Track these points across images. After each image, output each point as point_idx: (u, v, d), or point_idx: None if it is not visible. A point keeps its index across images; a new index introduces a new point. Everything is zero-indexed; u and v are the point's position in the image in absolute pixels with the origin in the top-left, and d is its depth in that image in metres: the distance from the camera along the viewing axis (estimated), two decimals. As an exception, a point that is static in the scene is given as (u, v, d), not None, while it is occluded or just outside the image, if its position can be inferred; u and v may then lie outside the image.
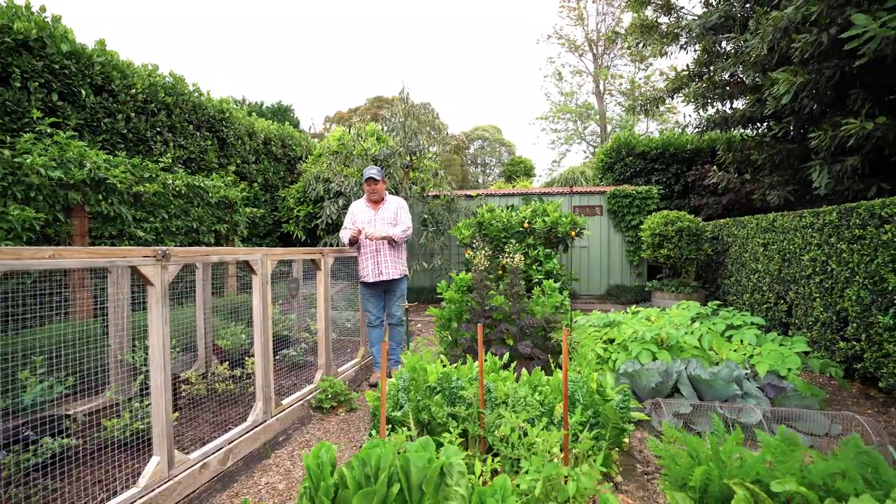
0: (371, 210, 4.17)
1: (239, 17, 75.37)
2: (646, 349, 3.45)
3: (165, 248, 2.26)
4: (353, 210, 4.23)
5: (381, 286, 4.14)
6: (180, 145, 6.05)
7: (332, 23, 75.33)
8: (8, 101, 4.07)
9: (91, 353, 2.86)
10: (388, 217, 4.13)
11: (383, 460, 1.26)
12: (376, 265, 4.05)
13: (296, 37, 74.86)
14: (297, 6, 75.45)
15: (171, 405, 2.31)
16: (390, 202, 4.22)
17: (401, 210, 4.20)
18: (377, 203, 4.18)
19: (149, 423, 2.76)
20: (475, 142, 41.08)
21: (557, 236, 6.26)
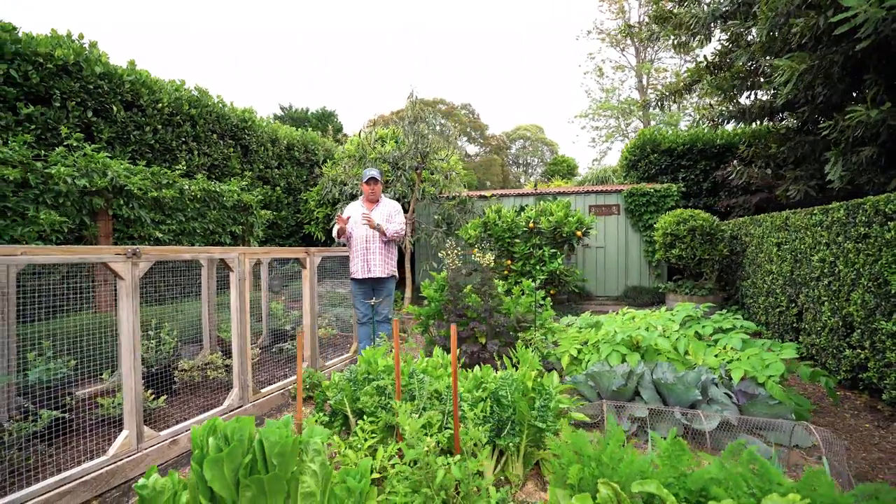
0: (365, 209, 4.24)
1: (286, 28, 79.21)
2: (615, 351, 3.39)
3: (136, 247, 2.56)
4: (349, 209, 4.33)
5: (370, 283, 4.22)
6: (204, 153, 6.58)
7: (378, 32, 77.35)
8: (49, 119, 4.66)
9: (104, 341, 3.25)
10: (381, 218, 4.17)
11: (240, 433, 1.42)
12: (366, 262, 4.13)
13: (342, 46, 77.56)
14: (343, 17, 78.14)
15: (141, 386, 2.59)
16: (386, 204, 4.29)
17: (395, 212, 4.26)
18: (373, 203, 4.26)
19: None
20: (517, 142, 40.72)
21: (563, 236, 6.18)
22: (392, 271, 4.27)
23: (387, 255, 4.24)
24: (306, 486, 1.42)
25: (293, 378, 3.87)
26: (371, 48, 77.80)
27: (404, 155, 7.27)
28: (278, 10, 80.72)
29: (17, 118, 4.43)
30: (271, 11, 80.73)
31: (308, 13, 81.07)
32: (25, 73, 4.50)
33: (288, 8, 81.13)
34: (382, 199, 4.34)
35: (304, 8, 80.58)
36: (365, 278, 4.17)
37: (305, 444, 1.48)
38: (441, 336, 3.98)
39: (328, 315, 5.89)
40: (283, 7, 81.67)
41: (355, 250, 4.19)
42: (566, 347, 3.69)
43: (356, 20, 79.71)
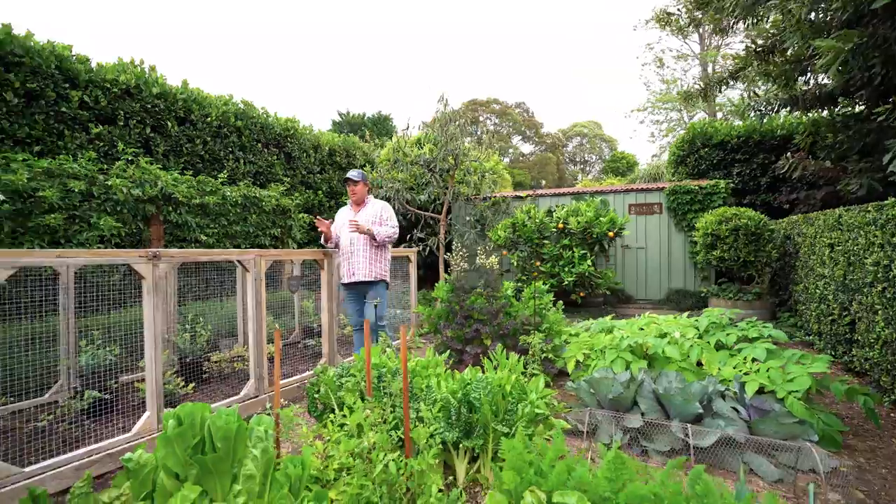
0: (351, 213, 4.10)
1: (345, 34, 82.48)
2: (620, 357, 3.27)
3: (156, 250, 2.87)
4: (337, 214, 4.26)
5: (357, 288, 4.05)
6: (250, 161, 7.12)
7: (434, 34, 78.41)
8: (115, 137, 5.30)
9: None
10: (368, 220, 4.00)
11: (192, 417, 1.58)
12: (349, 266, 3.97)
13: (398, 49, 79.48)
14: (399, 21, 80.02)
15: (161, 373, 2.91)
16: (372, 205, 4.11)
17: (384, 212, 4.07)
18: (359, 206, 4.10)
19: (168, 387, 3.48)
20: (573, 139, 39.57)
21: (593, 237, 5.99)
22: (380, 275, 4.02)
23: (373, 259, 3.99)
24: (248, 470, 1.56)
25: (309, 373, 4.11)
26: (427, 50, 79.08)
27: (436, 157, 7.39)
28: (337, 19, 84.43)
29: (88, 137, 5.09)
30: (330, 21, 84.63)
31: (365, 19, 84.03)
32: (96, 98, 5.15)
33: (346, 15, 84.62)
34: (370, 200, 4.16)
35: (362, 14, 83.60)
36: (350, 283, 4.00)
37: (250, 431, 1.62)
38: (449, 337, 4.05)
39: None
40: (342, 15, 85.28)
41: (342, 254, 4.07)
42: (573, 352, 3.60)
43: (412, 23, 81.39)
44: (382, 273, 4.03)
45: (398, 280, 6.07)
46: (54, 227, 3.99)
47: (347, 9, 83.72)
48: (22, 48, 4.61)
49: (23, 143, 4.63)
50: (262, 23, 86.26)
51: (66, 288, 3.48)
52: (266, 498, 1.58)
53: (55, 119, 4.83)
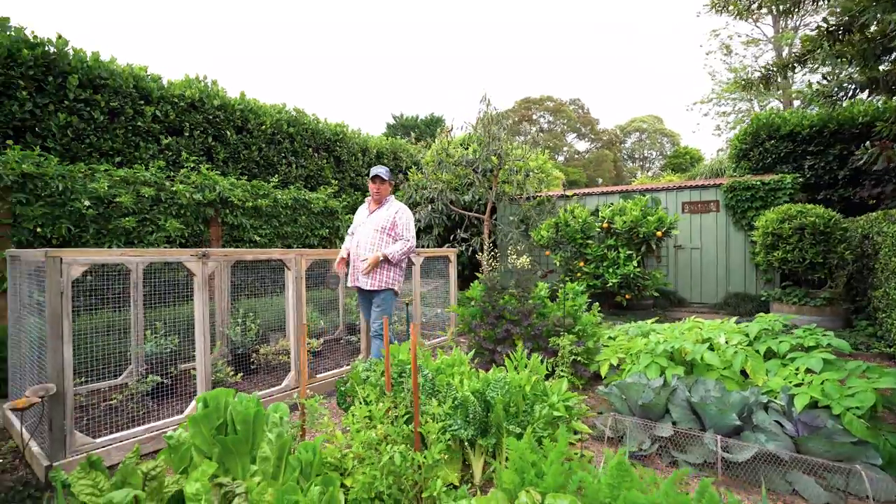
0: (367, 212, 3.84)
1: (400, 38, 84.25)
2: (655, 363, 3.12)
3: (206, 250, 3.15)
4: (357, 212, 4.00)
5: (364, 292, 3.80)
6: (301, 165, 7.53)
7: (485, 33, 78.17)
8: (181, 147, 5.83)
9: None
10: (379, 223, 3.68)
11: (217, 401, 1.74)
12: (354, 270, 3.74)
13: (450, 50, 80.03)
14: (450, 23, 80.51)
15: (209, 361, 3.18)
16: (389, 207, 3.77)
17: (398, 219, 3.69)
18: (377, 204, 3.81)
19: (219, 376, 3.79)
20: (632, 135, 37.86)
21: (640, 236, 5.73)
22: (386, 283, 3.65)
23: (380, 266, 3.64)
24: (263, 452, 1.69)
25: (346, 368, 4.29)
26: (480, 50, 79.00)
27: (479, 158, 7.41)
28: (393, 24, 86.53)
29: (159, 147, 5.64)
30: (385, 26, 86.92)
31: (419, 22, 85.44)
32: (166, 112, 5.70)
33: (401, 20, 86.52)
34: (389, 200, 3.84)
35: (416, 17, 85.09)
36: (354, 286, 3.78)
37: (267, 416, 1.75)
38: (481, 337, 4.07)
39: (399, 312, 6.31)
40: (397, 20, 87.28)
41: (351, 256, 3.80)
42: (607, 355, 3.49)
43: (464, 23, 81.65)
44: (388, 282, 3.66)
45: (443, 279, 6.16)
46: (129, 228, 4.47)
47: (403, 13, 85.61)
48: (107, 71, 5.20)
49: (107, 155, 5.23)
50: (318, 32, 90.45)
51: (135, 283, 3.89)
52: (280, 479, 1.70)
53: (132, 132, 5.41)
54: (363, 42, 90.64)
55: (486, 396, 2.37)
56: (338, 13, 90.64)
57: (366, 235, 3.68)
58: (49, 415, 2.43)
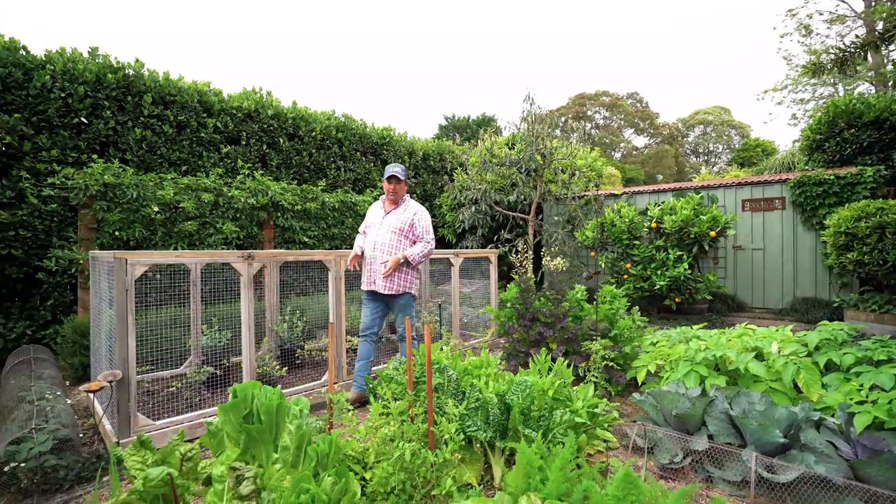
0: (381, 212, 3.66)
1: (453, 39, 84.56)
2: (694, 371, 2.96)
3: (251, 251, 3.40)
4: (368, 211, 3.84)
5: (377, 296, 3.63)
6: (349, 169, 7.84)
7: (538, 31, 76.67)
8: (238, 155, 6.29)
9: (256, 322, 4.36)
10: (397, 224, 3.54)
11: (244, 392, 1.89)
12: (370, 272, 3.56)
13: (505, 49, 79.27)
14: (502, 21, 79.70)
15: (254, 354, 3.43)
16: (407, 208, 3.62)
17: (417, 221, 3.57)
18: (393, 205, 3.65)
19: (266, 369, 4.06)
20: (695, 128, 35.58)
21: (691, 237, 5.42)
22: (405, 287, 3.53)
23: (398, 269, 3.52)
24: (284, 442, 1.82)
25: (384, 366, 4.43)
26: (533, 47, 77.64)
27: (522, 158, 7.33)
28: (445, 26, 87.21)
29: (219, 156, 6.13)
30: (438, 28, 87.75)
31: (471, 22, 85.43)
32: (225, 123, 6.18)
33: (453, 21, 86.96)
34: (407, 201, 3.69)
35: (469, 17, 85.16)
36: (368, 290, 3.61)
37: (288, 409, 1.88)
38: (515, 339, 4.05)
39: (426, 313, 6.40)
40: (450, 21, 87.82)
41: (364, 257, 3.64)
42: (645, 362, 3.35)
43: (517, 21, 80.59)
44: (406, 286, 3.54)
45: (487, 280, 6.19)
46: (191, 231, 4.90)
47: (456, 15, 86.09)
48: (175, 88, 5.73)
49: (175, 165, 5.76)
50: (374, 39, 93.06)
51: (194, 282, 4.27)
52: (299, 468, 1.82)
53: (197, 143, 5.91)
54: (417, 46, 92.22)
55: (506, 399, 2.37)
56: (393, 20, 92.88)
57: (383, 237, 3.53)
58: (116, 398, 2.74)
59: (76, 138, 4.99)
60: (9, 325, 4.73)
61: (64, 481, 2.40)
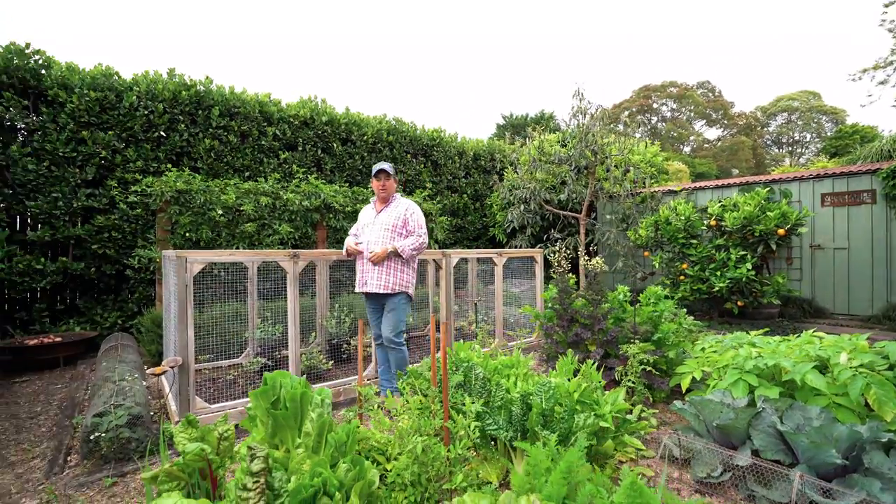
0: (373, 212, 3.59)
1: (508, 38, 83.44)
2: (742, 380, 2.74)
3: (297, 251, 3.63)
4: (361, 213, 3.78)
5: (374, 298, 3.55)
6: (400, 171, 8.06)
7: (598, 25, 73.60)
8: (295, 160, 6.71)
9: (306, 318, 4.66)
10: (388, 222, 3.45)
11: (273, 381, 2.04)
12: (362, 273, 3.50)
13: (565, 45, 76.98)
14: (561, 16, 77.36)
15: (299, 347, 3.66)
16: (398, 205, 3.53)
17: (410, 216, 3.48)
18: (383, 203, 3.56)
19: (313, 362, 4.31)
20: (778, 116, 32.37)
21: (755, 235, 4.99)
22: (398, 286, 3.41)
23: (389, 267, 3.41)
24: (307, 428, 1.95)
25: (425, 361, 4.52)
26: (593, 41, 74.72)
27: (571, 155, 7.14)
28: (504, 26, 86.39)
29: (278, 162, 6.57)
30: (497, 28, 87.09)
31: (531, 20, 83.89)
32: (283, 131, 6.62)
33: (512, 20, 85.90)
34: (397, 198, 3.60)
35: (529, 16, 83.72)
36: (362, 292, 3.55)
37: (311, 397, 2.01)
38: (553, 340, 3.98)
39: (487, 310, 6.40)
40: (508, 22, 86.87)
41: (358, 258, 3.59)
42: (690, 368, 3.14)
43: (576, 16, 77.93)
44: (401, 284, 3.43)
45: (531, 278, 6.13)
46: (251, 232, 5.31)
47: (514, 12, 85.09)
48: (239, 101, 6.24)
49: (239, 171, 6.27)
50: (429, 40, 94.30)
51: (251, 279, 4.63)
52: (320, 454, 1.94)
53: (258, 150, 6.39)
54: (475, 47, 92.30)
55: (529, 399, 2.35)
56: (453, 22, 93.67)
57: (375, 235, 3.44)
58: (178, 381, 3.07)
59: (156, 150, 5.60)
60: (104, 315, 5.42)
61: (134, 452, 2.73)
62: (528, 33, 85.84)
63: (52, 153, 5.08)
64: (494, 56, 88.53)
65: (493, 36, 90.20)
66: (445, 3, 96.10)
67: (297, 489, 1.59)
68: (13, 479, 2.54)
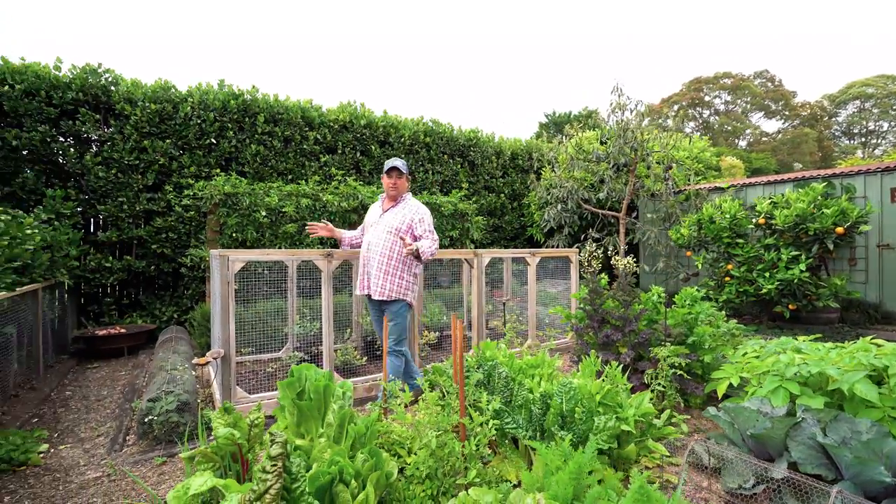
0: (380, 210, 3.43)
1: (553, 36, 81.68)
2: (783, 388, 2.59)
3: (331, 250, 3.79)
4: (369, 210, 3.65)
5: (375, 303, 3.41)
6: (437, 171, 8.16)
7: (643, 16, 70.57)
8: (334, 163, 6.96)
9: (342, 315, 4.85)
10: (394, 223, 3.28)
11: (299, 373, 2.16)
12: (364, 277, 3.35)
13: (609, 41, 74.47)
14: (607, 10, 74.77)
15: (332, 342, 3.81)
16: (405, 207, 3.35)
17: (418, 223, 3.29)
18: (392, 201, 3.39)
19: (347, 358, 4.47)
20: (848, 105, 29.68)
21: (809, 234, 4.66)
22: (398, 293, 3.24)
23: (392, 271, 3.23)
24: (329, 419, 2.05)
25: (456, 360, 4.57)
26: (639, 34, 71.78)
27: (610, 153, 6.94)
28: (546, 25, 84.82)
29: (319, 164, 6.85)
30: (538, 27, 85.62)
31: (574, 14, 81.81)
32: (324, 135, 6.89)
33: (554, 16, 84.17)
34: (406, 199, 3.42)
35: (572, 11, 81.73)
36: (363, 295, 3.39)
37: (332, 389, 2.11)
38: (584, 341, 3.92)
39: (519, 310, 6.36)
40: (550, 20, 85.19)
41: (360, 259, 3.45)
42: (727, 373, 3.00)
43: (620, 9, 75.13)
44: (401, 291, 3.26)
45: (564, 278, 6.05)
46: (292, 233, 5.58)
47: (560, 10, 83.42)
48: (283, 108, 6.56)
49: (282, 174, 6.60)
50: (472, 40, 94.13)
51: (291, 277, 4.87)
52: (341, 444, 2.03)
53: (300, 154, 6.70)
54: (518, 46, 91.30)
55: (549, 400, 2.34)
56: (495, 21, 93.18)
57: (378, 237, 3.26)
58: (220, 372, 3.29)
59: (208, 156, 6.01)
60: (162, 309, 5.88)
61: (182, 435, 2.96)
62: (572, 30, 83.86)
63: (118, 161, 5.58)
64: (538, 54, 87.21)
65: (535, 35, 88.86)
66: (490, 4, 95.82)
67: (314, 475, 1.68)
68: (81, 454, 2.83)
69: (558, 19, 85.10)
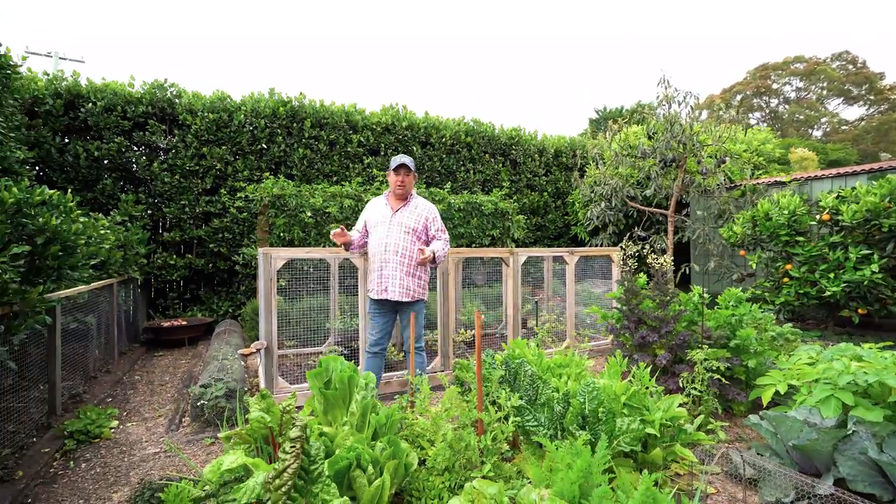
0: (388, 209, 3.27)
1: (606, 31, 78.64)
2: (834, 397, 2.39)
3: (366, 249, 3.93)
4: (368, 207, 3.46)
5: (389, 305, 3.29)
6: (478, 171, 8.18)
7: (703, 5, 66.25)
8: (377, 165, 7.17)
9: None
10: (410, 224, 3.20)
11: (326, 364, 2.28)
12: (381, 278, 3.20)
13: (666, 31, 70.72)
14: None
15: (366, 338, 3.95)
16: (416, 206, 3.29)
17: (432, 222, 3.28)
18: (400, 201, 3.29)
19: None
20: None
21: (883, 231, 4.24)
22: (420, 294, 3.25)
23: (411, 272, 3.20)
24: (352, 409, 2.15)
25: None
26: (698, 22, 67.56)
27: (656, 148, 6.64)
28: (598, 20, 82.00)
29: (362, 166, 7.09)
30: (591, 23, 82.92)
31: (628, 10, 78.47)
32: (367, 137, 7.12)
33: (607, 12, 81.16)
34: (415, 197, 3.36)
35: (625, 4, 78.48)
36: (380, 299, 3.24)
37: (357, 380, 2.21)
38: (620, 342, 3.81)
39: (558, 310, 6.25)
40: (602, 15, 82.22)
41: (371, 261, 3.30)
42: (773, 380, 2.81)
43: None
44: (422, 291, 3.27)
45: (598, 277, 5.88)
46: (335, 232, 5.82)
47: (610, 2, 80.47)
48: (328, 112, 6.86)
49: (328, 176, 6.90)
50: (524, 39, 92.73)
51: (333, 274, 5.09)
52: (364, 433, 2.13)
53: (344, 157, 6.97)
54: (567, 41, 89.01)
55: (570, 399, 2.32)
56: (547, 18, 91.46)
57: (395, 237, 3.18)
58: (264, 362, 3.53)
59: (259, 160, 6.41)
60: (218, 304, 6.34)
61: (228, 419, 3.20)
62: (625, 23, 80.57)
63: (181, 167, 6.09)
64: (588, 50, 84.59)
65: (584, 30, 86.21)
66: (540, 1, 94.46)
67: (334, 459, 1.79)
68: (144, 431, 3.15)
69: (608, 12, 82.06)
